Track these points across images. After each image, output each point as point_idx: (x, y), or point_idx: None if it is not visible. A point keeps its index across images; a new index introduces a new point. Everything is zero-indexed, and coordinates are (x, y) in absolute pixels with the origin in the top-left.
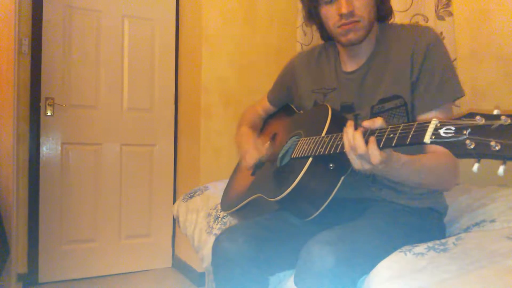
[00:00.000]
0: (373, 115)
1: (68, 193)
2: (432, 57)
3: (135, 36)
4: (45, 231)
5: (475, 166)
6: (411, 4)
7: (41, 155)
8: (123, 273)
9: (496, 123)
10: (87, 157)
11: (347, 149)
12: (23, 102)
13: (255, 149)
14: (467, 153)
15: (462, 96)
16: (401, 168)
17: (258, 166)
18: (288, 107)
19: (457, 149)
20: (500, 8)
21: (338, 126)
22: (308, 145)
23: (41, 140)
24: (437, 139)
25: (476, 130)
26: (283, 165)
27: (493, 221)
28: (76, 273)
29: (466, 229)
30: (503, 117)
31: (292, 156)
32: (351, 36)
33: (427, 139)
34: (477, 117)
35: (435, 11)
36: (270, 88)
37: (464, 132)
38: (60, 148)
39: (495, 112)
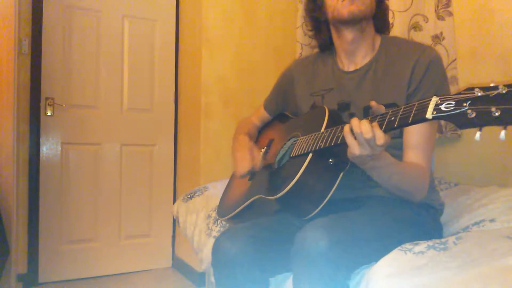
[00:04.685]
0: (366, 116)
1: (68, 193)
2: (433, 74)
3: (135, 36)
4: (45, 231)
5: (477, 135)
6: (411, 4)
7: (41, 155)
8: (123, 273)
9: (494, 92)
10: (87, 157)
11: (349, 137)
12: (23, 102)
13: (249, 157)
14: (468, 122)
15: None
16: (387, 167)
17: (251, 174)
18: (283, 116)
19: (458, 120)
20: (500, 7)
21: (336, 122)
22: (307, 142)
23: (41, 140)
24: (439, 113)
25: (476, 101)
26: (282, 165)
27: (492, 220)
28: (76, 273)
29: (466, 229)
30: (500, 87)
31: (291, 155)
32: (354, 8)
33: (429, 115)
34: (476, 89)
35: (435, 11)
36: (267, 96)
37: (464, 104)
38: (60, 148)
39: (492, 84)
